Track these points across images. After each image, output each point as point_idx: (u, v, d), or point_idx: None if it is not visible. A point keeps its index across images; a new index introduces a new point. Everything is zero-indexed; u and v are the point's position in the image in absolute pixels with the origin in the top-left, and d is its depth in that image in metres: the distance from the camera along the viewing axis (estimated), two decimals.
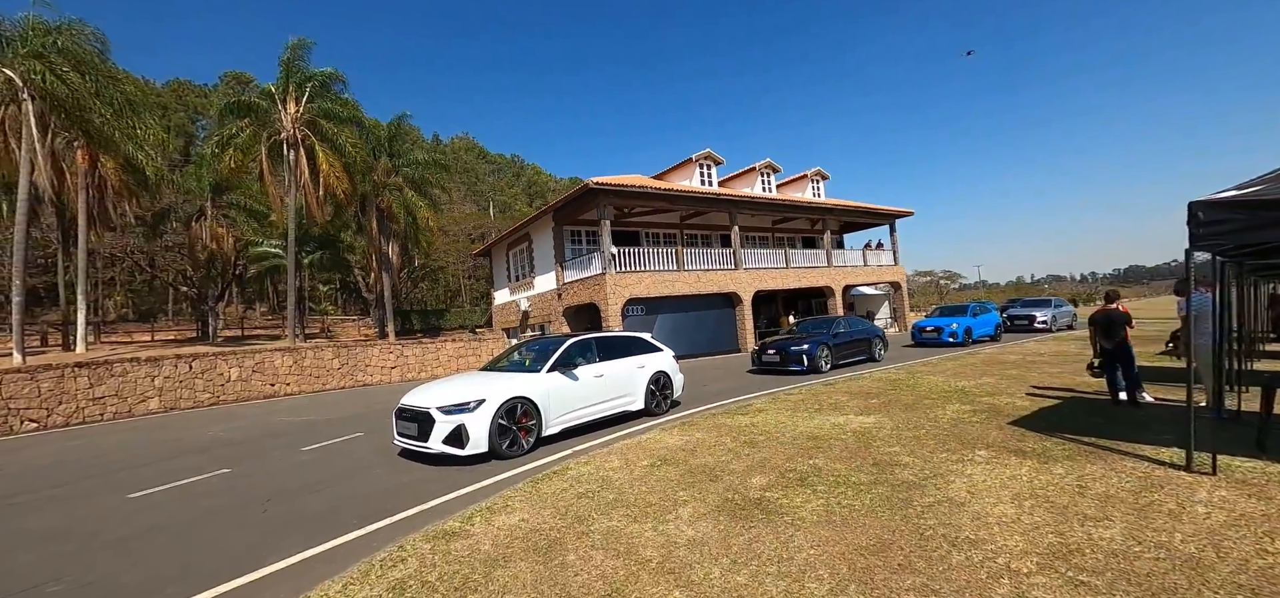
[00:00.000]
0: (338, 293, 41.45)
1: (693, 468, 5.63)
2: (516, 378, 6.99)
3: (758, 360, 14.30)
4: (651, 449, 6.54)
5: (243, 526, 4.79)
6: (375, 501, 5.26)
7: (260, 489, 5.90)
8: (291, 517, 4.95)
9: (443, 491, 5.44)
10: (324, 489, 5.75)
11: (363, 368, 17.52)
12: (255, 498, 5.58)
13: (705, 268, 21.48)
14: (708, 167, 23.53)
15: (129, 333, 31.30)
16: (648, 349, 9.13)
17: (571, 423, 7.41)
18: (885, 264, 30.12)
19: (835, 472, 5.26)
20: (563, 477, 5.59)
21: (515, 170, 58.87)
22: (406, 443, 6.63)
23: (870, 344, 15.39)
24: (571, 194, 18.51)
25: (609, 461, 6.14)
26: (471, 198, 45.92)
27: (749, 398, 10.10)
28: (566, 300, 20.78)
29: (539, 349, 8.20)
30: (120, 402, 12.52)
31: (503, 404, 6.44)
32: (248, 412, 12.57)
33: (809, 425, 7.32)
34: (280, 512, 5.10)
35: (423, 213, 22.07)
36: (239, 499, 5.59)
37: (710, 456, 6.09)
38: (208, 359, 14.20)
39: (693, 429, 7.52)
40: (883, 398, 9.04)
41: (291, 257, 19.10)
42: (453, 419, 6.19)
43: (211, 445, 8.66)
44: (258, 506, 5.32)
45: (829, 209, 26.37)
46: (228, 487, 6.12)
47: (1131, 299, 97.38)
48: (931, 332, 19.17)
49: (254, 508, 5.24)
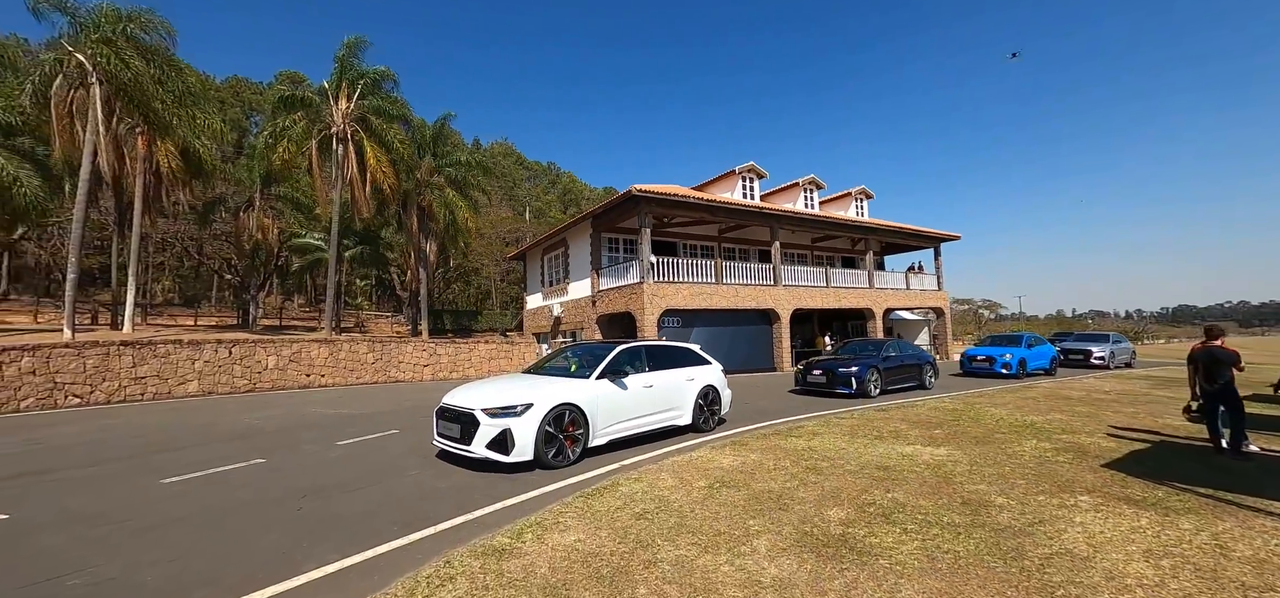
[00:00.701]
0: (373, 289, 42.10)
1: (757, 493, 5.11)
2: (564, 383, 6.57)
3: (802, 381, 13.65)
4: (705, 469, 6.05)
5: (275, 524, 4.45)
6: (414, 505, 4.88)
7: (294, 484, 5.60)
8: (327, 518, 4.59)
9: (486, 499, 5.03)
10: (360, 489, 5.41)
11: (396, 364, 17.43)
12: (289, 494, 5.27)
13: (744, 282, 20.89)
14: (751, 179, 23.00)
15: (174, 316, 32.25)
16: (697, 361, 8.64)
17: (618, 435, 6.95)
18: (928, 288, 28.99)
19: (921, 509, 4.69)
20: (614, 494, 5.13)
21: (551, 177, 59.21)
22: (446, 444, 6.27)
23: (920, 370, 14.63)
24: (614, 200, 18.21)
25: (661, 479, 5.67)
26: (507, 203, 46.25)
27: (798, 420, 9.54)
28: (601, 308, 20.43)
29: (587, 354, 7.79)
30: (161, 383, 12.59)
31: (551, 410, 6.02)
32: (283, 400, 12.49)
33: (873, 454, 6.75)
34: (315, 511, 4.76)
35: (462, 213, 22.08)
36: (272, 494, 5.28)
37: (772, 480, 5.56)
38: (247, 346, 14.25)
39: (746, 450, 7.00)
40: (947, 429, 8.38)
41: (334, 249, 19.26)
42: (498, 423, 5.80)
43: (247, 433, 8.48)
44: (292, 502, 4.99)
45: (872, 229, 25.50)
46: (261, 479, 5.84)
47: (1185, 340, 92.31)
48: (983, 361, 18.26)
49: (288, 505, 4.91)
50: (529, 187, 53.09)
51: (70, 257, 14.46)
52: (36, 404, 10.92)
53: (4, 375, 10.57)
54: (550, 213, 47.36)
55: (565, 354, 8.33)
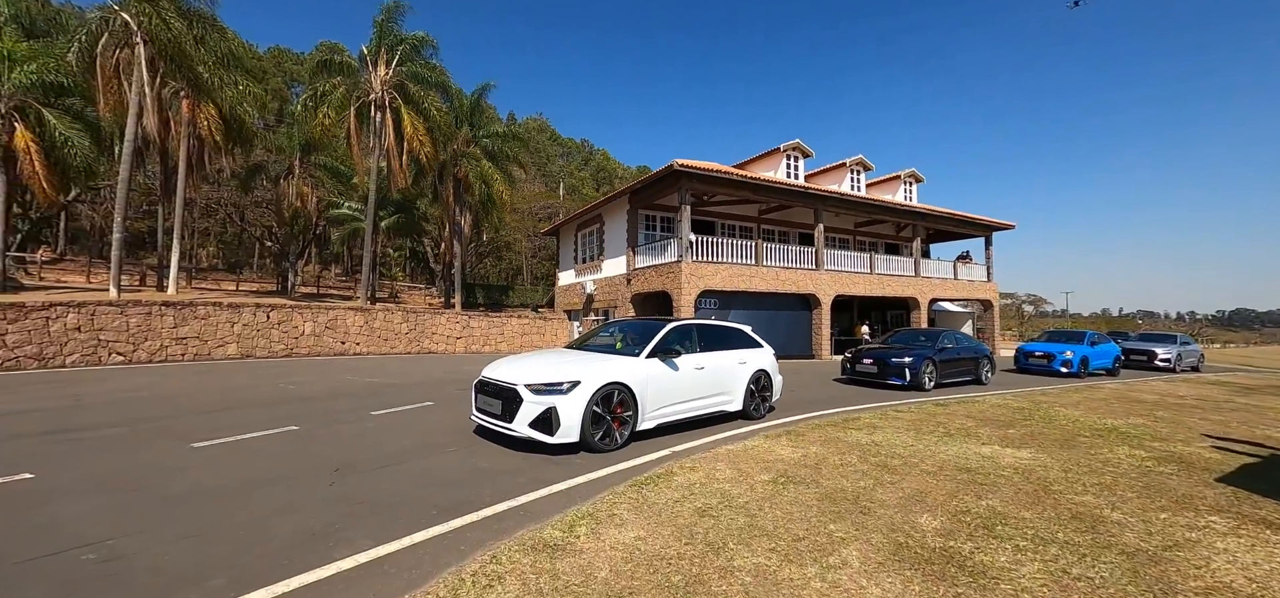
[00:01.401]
0: (407, 261, 42.52)
1: (829, 492, 4.55)
2: (612, 361, 6.07)
3: (850, 369, 12.91)
4: (764, 461, 5.51)
5: (306, 501, 4.08)
6: (453, 489, 4.46)
7: (327, 457, 5.26)
8: (360, 497, 4.21)
9: (530, 484, 4.58)
10: (395, 467, 5.03)
11: (429, 335, 17.31)
12: (321, 467, 4.92)
13: (784, 265, 20.06)
14: (795, 158, 22.00)
15: (218, 281, 33.11)
16: (749, 344, 8.04)
17: (667, 418, 6.44)
18: (977, 280, 27.55)
19: (1026, 522, 4.07)
20: (669, 484, 4.63)
21: (584, 154, 58.62)
22: (485, 420, 5.87)
23: (977, 364, 13.71)
24: (653, 175, 17.56)
25: (718, 470, 5.15)
26: (541, 178, 45.93)
27: (852, 411, 8.90)
28: (636, 287, 19.91)
29: (633, 331, 7.28)
30: (201, 344, 12.64)
31: (599, 389, 5.53)
32: (318, 367, 12.41)
33: (946, 453, 6.11)
34: (348, 489, 4.38)
35: (498, 186, 21.74)
36: (304, 466, 4.94)
37: (842, 478, 4.99)
38: (284, 311, 14.23)
39: (803, 441, 6.42)
40: (1021, 429, 7.65)
41: (371, 217, 19.18)
42: (543, 401, 5.34)
43: (281, 399, 8.28)
44: (324, 477, 4.64)
45: (922, 214, 24.22)
46: (293, 449, 5.52)
47: (1244, 345, 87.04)
48: (1041, 357, 17.19)
49: (319, 480, 4.56)
50: (562, 163, 52.62)
51: (116, 217, 14.64)
52: (81, 360, 11.02)
53: (50, 331, 10.67)
54: (583, 190, 46.89)
55: (609, 330, 7.84)
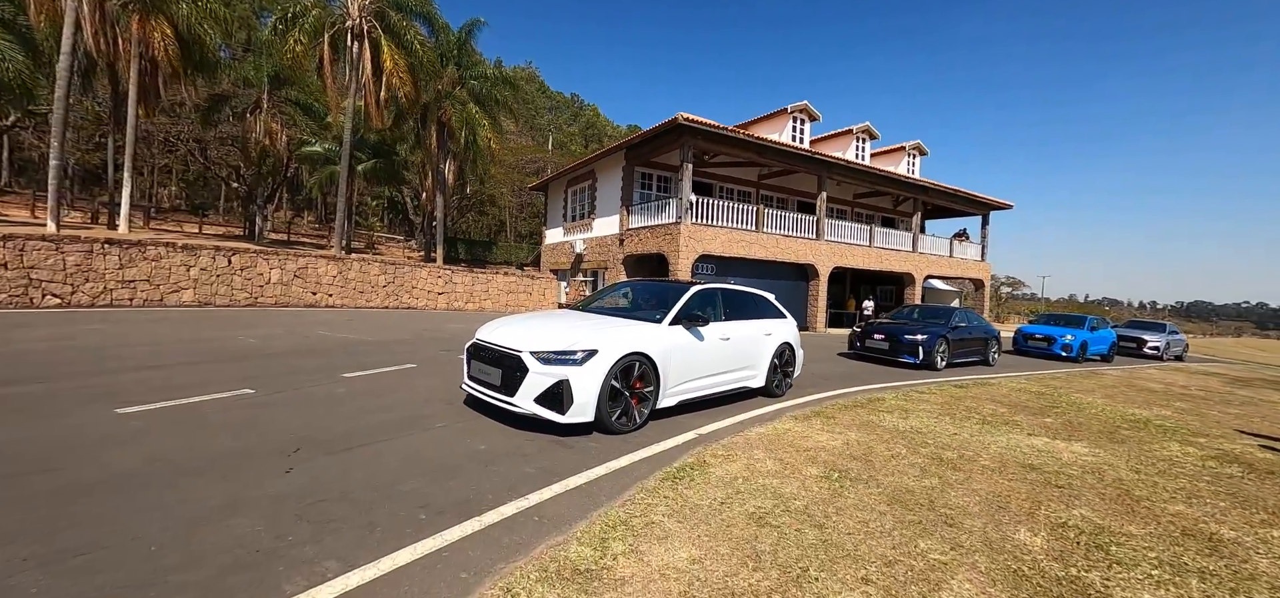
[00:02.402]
0: (385, 211, 40.62)
1: (895, 494, 3.84)
2: (631, 327, 5.17)
3: (858, 344, 12.26)
4: (804, 449, 4.78)
5: (252, 497, 3.14)
6: (445, 480, 3.57)
7: (286, 430, 4.31)
8: (325, 489, 3.29)
9: (541, 476, 3.72)
10: (370, 445, 4.10)
11: (408, 289, 16.17)
12: (277, 443, 3.98)
13: (785, 233, 19.27)
14: (802, 121, 20.96)
15: (180, 223, 31.04)
16: (774, 313, 7.23)
17: (689, 395, 5.61)
18: (971, 258, 27.25)
19: (1135, 540, 3.48)
20: (707, 479, 3.84)
21: (574, 110, 56.31)
22: (480, 391, 4.95)
23: (986, 345, 13.24)
24: (654, 129, 16.41)
25: (757, 459, 4.38)
26: (529, 132, 43.96)
27: (870, 390, 8.28)
28: (629, 248, 18.94)
29: (650, 293, 6.40)
30: (152, 288, 11.37)
31: (619, 360, 4.65)
32: (286, 319, 11.28)
33: (998, 445, 5.47)
34: (309, 477, 3.46)
35: (485, 133, 20.25)
36: (255, 443, 3.99)
37: (901, 474, 4.31)
38: (248, 256, 12.95)
39: (837, 425, 5.71)
40: (1057, 418, 7.11)
41: (345, 158, 17.66)
42: (553, 372, 4.44)
43: (240, 355, 7.23)
44: (279, 460, 3.69)
45: (925, 189, 23.52)
46: (247, 418, 4.55)
47: (1203, 336, 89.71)
48: (1041, 340, 16.91)
49: (273, 464, 3.62)
50: (551, 117, 50.50)
51: (52, 141, 13.01)
52: (10, 301, 9.74)
53: None
54: (571, 147, 45.11)
55: (619, 290, 6.92)
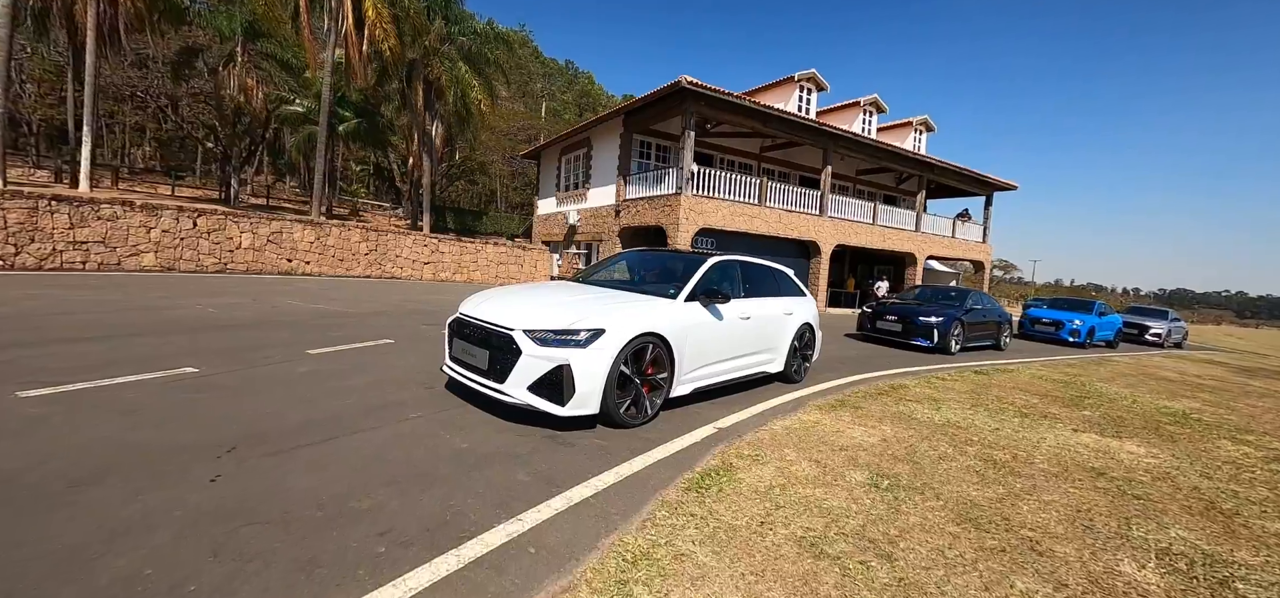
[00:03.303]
0: (371, 178, 39.20)
1: (959, 508, 3.22)
2: (642, 303, 4.41)
3: (868, 325, 11.65)
4: (839, 447, 4.16)
5: (156, 516, 2.39)
6: (417, 490, 2.83)
7: (227, 419, 3.54)
8: (257, 502, 2.54)
9: (536, 485, 3.00)
10: (328, 442, 3.35)
11: (392, 258, 15.28)
12: (213, 437, 3.22)
13: (788, 208, 18.49)
14: (809, 91, 20.04)
15: (154, 185, 29.59)
16: (794, 291, 6.52)
17: (705, 381, 4.91)
18: (972, 240, 26.70)
19: (1265, 572, 2.90)
20: (736, 487, 3.16)
21: (568, 77, 54.51)
22: (463, 376, 4.17)
23: (999, 329, 12.74)
24: (656, 92, 15.45)
25: (790, 461, 3.72)
26: (522, 98, 42.44)
27: (889, 375, 7.70)
28: (625, 219, 18.10)
29: (660, 265, 5.64)
30: (107, 251, 10.42)
31: (630, 342, 3.91)
32: (255, 287, 10.41)
33: (1047, 443, 4.87)
34: (242, 485, 2.70)
35: (475, 95, 19.13)
36: (185, 436, 3.23)
37: (956, 480, 3.71)
38: (216, 218, 11.99)
39: (867, 418, 5.08)
40: (1094, 411, 6.58)
41: (324, 118, 16.54)
42: (551, 355, 3.68)
43: (194, 326, 6.41)
44: (209, 459, 2.94)
45: (932, 166, 22.79)
46: (181, 404, 3.78)
47: (1187, 322, 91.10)
48: (1047, 324, 16.48)
49: (201, 465, 2.86)
50: (544, 84, 48.87)
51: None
52: None
53: None
54: (565, 115, 43.68)
55: (624, 261, 6.12)
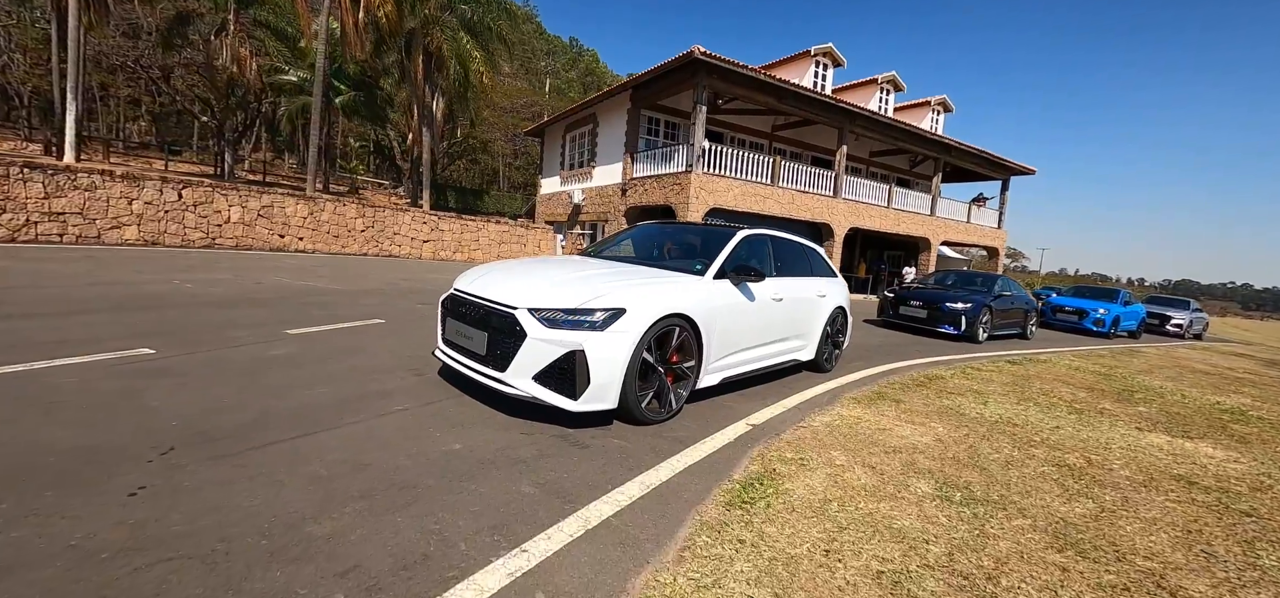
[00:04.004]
0: (370, 155, 38.43)
1: (1056, 528, 2.62)
2: (666, 281, 3.77)
3: (890, 311, 11.05)
4: (892, 450, 3.58)
5: (35, 548, 1.81)
6: (391, 510, 2.24)
7: (172, 412, 2.96)
8: (178, 527, 1.95)
9: (543, 501, 2.40)
10: (292, 442, 2.76)
11: (390, 236, 14.66)
12: (149, 436, 2.63)
13: (801, 188, 17.81)
14: (825, 66, 19.23)
15: (149, 161, 28.94)
16: (826, 270, 5.90)
17: (734, 371, 4.30)
18: (987, 225, 25.98)
19: None
20: (787, 502, 2.57)
21: (572, 55, 53.30)
22: (458, 362, 3.56)
23: (1026, 317, 12.15)
24: (667, 64, 14.69)
25: (841, 466, 3.14)
26: (525, 76, 41.43)
27: (922, 365, 7.12)
28: (632, 199, 17.44)
29: (685, 238, 5.02)
30: (86, 223, 9.83)
31: (654, 325, 3.30)
32: (241, 262, 9.82)
33: (1115, 444, 4.28)
34: (165, 502, 2.12)
35: (477, 67, 18.34)
36: (116, 433, 2.64)
37: (1039, 491, 3.14)
38: (203, 190, 11.37)
39: (912, 413, 4.50)
40: (1148, 407, 5.99)
41: (319, 88, 15.81)
42: (562, 339, 3.07)
43: (161, 302, 5.83)
44: (136, 463, 2.35)
45: (949, 147, 21.98)
46: (120, 393, 3.20)
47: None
48: (1070, 313, 15.90)
49: (123, 473, 2.27)
50: (548, 62, 47.79)
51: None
52: None
53: None
54: (570, 93, 42.69)
55: (635, 235, 5.46)
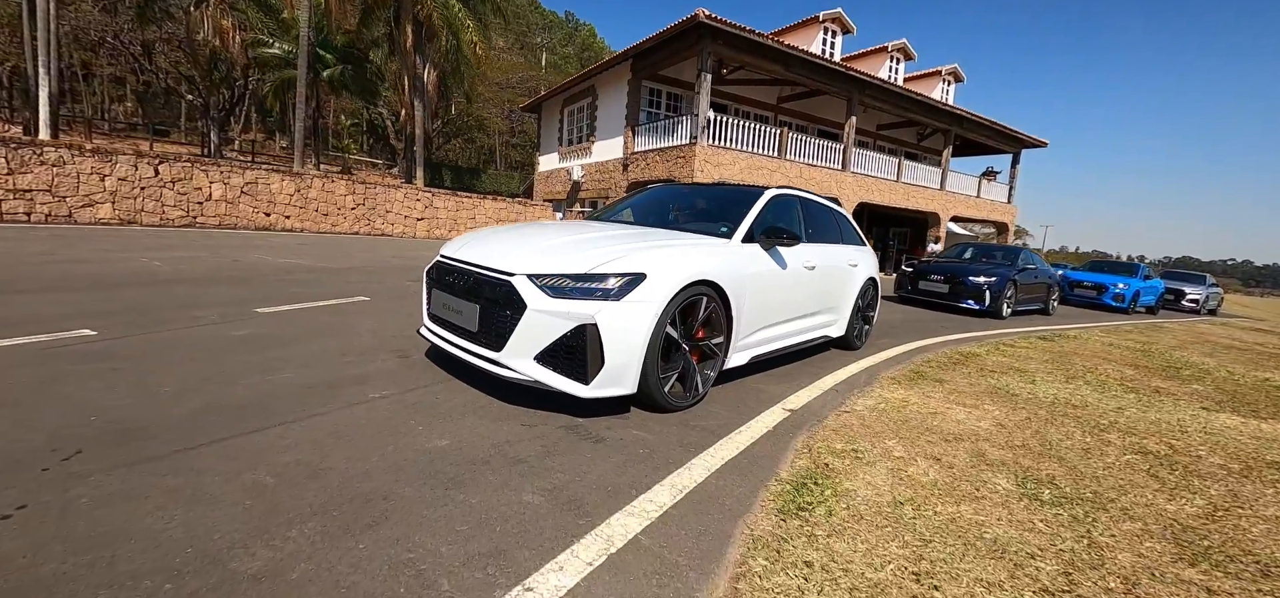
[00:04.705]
0: (363, 135, 37.58)
1: (1175, 530, 2.15)
2: (689, 243, 3.21)
3: (908, 287, 10.54)
4: (954, 437, 3.08)
5: None
6: (351, 534, 1.71)
7: (96, 406, 2.43)
8: (61, 564, 1.43)
9: (552, 521, 1.88)
10: (234, 441, 2.23)
11: (382, 214, 14.06)
12: (57, 433, 2.10)
13: (809, 162, 17.19)
14: (833, 33, 18.46)
15: (135, 143, 28.15)
16: (856, 238, 5.37)
17: (763, 349, 3.77)
18: (998, 200, 25.35)
19: None
20: (851, 508, 2.06)
21: (567, 30, 51.93)
22: (445, 341, 3.02)
23: (1048, 292, 11.70)
24: (670, 30, 13.96)
25: (901, 459, 2.64)
26: (520, 51, 40.35)
27: (953, 342, 6.69)
28: (634, 173, 16.82)
29: (704, 200, 4.45)
30: (56, 201, 9.23)
31: (679, 294, 2.76)
32: (221, 241, 9.25)
33: (1190, 426, 3.81)
34: (49, 527, 1.59)
35: (469, 37, 17.55)
36: (18, 432, 2.12)
37: (1135, 485, 2.65)
38: (182, 166, 10.75)
39: (959, 394, 4.04)
40: (1202, 385, 5.60)
41: (303, 54, 15.02)
42: (569, 310, 2.52)
43: (124, 281, 5.28)
44: (31, 468, 1.82)
45: (961, 119, 21.25)
46: (42, 382, 2.67)
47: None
48: (1089, 288, 15.56)
49: (4, 490, 1.75)
50: (544, 37, 46.60)
51: None
52: None
53: None
54: (566, 68, 41.64)
55: (652, 196, 4.84)
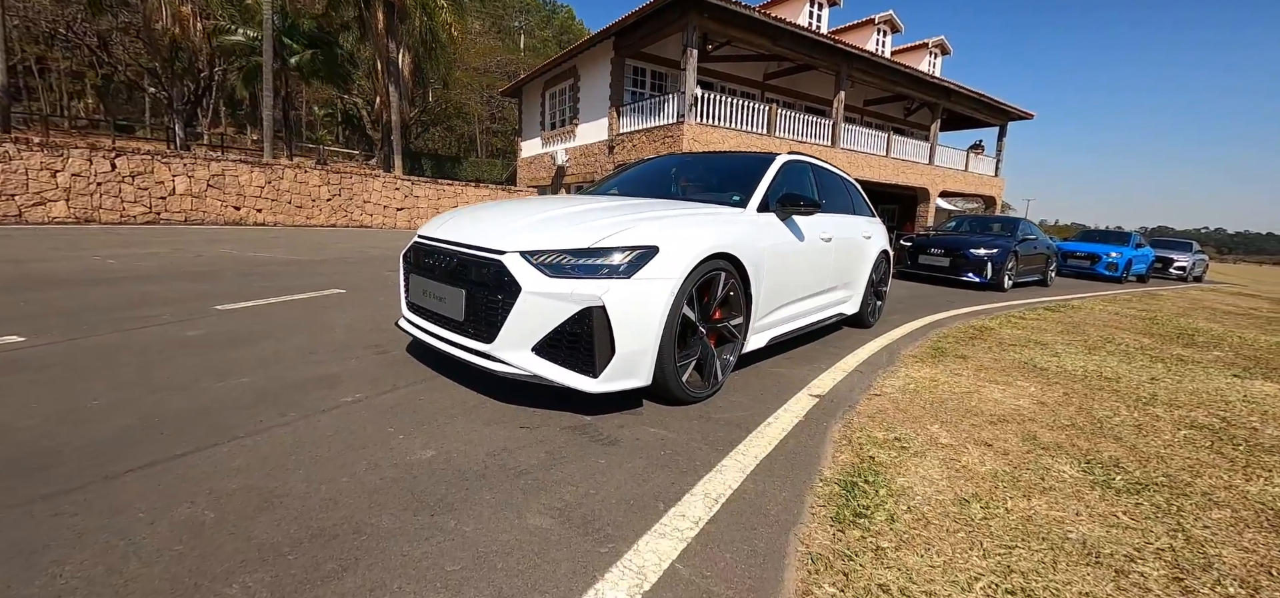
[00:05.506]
0: (338, 126, 36.46)
1: (1270, 517, 1.77)
2: (701, 213, 2.84)
3: (908, 261, 10.33)
4: (994, 416, 2.81)
5: None
6: (319, 581, 1.34)
7: (6, 428, 2.01)
8: None
9: (563, 550, 1.51)
10: (171, 464, 1.84)
11: (360, 204, 13.47)
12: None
13: (798, 138, 16.83)
14: (820, 5, 18.06)
15: (97, 140, 26.94)
16: (867, 209, 5.06)
17: (782, 329, 3.43)
18: (985, 173, 25.29)
19: None
20: (912, 510, 1.72)
21: (546, 13, 50.87)
22: (426, 332, 2.64)
23: (1047, 262, 11.58)
24: (651, 5, 13.45)
25: (948, 446, 2.32)
26: (498, 34, 39.32)
27: (963, 315, 6.46)
28: (620, 155, 16.35)
29: (708, 168, 4.09)
30: (3, 200, 8.57)
31: (696, 269, 2.40)
32: (185, 237, 8.69)
33: (1232, 396, 3.55)
34: None
35: (444, 17, 16.85)
36: None
37: (1208, 465, 2.36)
38: (142, 159, 10.10)
39: (988, 371, 3.74)
40: (1223, 351, 5.36)
41: (268, 41, 14.26)
42: (571, 290, 2.14)
43: (69, 281, 4.79)
44: None
45: (949, 92, 21.03)
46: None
47: None
48: (1083, 258, 15.53)
49: None
50: (522, 20, 45.53)
51: None
52: None
53: None
54: (546, 51, 40.79)
55: (641, 170, 4.43)
